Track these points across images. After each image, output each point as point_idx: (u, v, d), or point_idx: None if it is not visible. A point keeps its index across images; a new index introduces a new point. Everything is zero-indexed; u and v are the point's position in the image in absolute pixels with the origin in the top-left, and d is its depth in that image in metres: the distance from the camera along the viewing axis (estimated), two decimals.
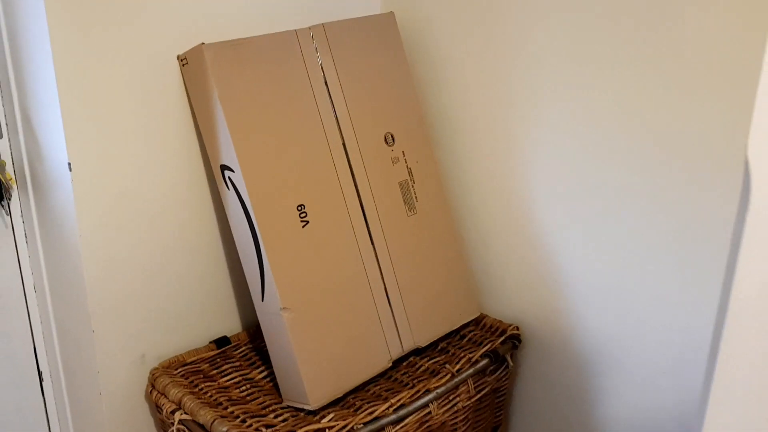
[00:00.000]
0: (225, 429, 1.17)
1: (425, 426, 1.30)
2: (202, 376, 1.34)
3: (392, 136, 1.39)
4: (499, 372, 1.43)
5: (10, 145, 1.27)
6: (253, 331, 1.48)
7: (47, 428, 1.43)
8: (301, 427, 1.20)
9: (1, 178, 1.24)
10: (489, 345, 1.42)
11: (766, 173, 0.48)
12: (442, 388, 1.32)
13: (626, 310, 1.33)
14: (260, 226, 1.21)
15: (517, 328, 1.47)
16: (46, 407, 1.42)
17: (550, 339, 1.46)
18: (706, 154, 1.15)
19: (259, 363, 1.40)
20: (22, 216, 1.31)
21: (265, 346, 1.44)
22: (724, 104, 1.11)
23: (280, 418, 1.24)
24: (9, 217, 1.29)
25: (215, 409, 1.23)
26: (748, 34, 1.06)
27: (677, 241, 1.22)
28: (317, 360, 1.25)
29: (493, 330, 1.48)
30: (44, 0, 1.07)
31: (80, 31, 1.13)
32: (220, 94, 1.19)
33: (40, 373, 1.40)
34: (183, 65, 1.25)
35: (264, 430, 1.19)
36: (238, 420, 1.21)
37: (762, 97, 0.48)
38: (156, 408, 1.32)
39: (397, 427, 1.25)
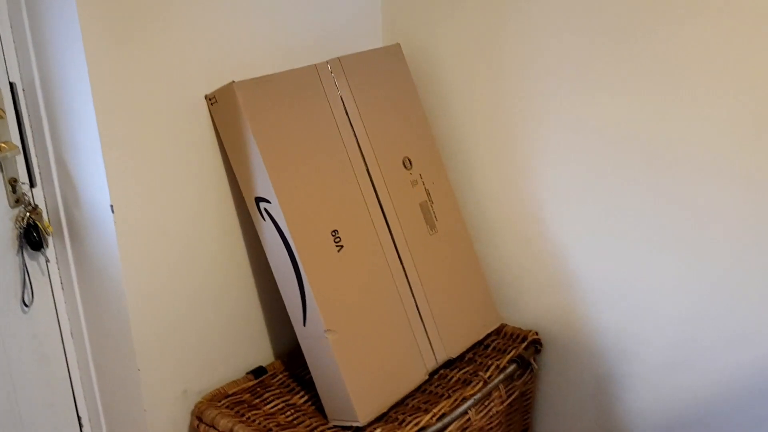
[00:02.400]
0: None
1: None
2: (246, 405, 1.37)
3: (409, 160, 1.46)
4: (525, 376, 1.50)
5: (44, 194, 1.29)
6: (286, 359, 1.51)
7: None
8: None
9: (40, 226, 1.25)
10: (513, 351, 1.49)
11: None
12: (478, 395, 1.38)
13: (640, 306, 1.42)
14: (300, 253, 1.25)
15: (537, 333, 1.54)
16: None
17: (569, 340, 1.54)
18: (711, 156, 1.25)
19: (298, 389, 1.44)
20: (57, 262, 1.32)
21: (300, 371, 1.48)
22: (727, 110, 1.22)
23: None
24: (46, 264, 1.31)
25: None
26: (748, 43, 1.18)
27: (687, 235, 1.32)
28: (362, 377, 1.29)
29: (514, 337, 1.55)
30: (85, 53, 1.11)
31: (118, 82, 1.17)
32: (253, 130, 1.24)
33: (79, 419, 1.40)
34: (212, 104, 1.30)
35: None
36: None
37: None
38: None
39: None
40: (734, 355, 1.33)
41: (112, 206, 1.20)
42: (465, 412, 1.35)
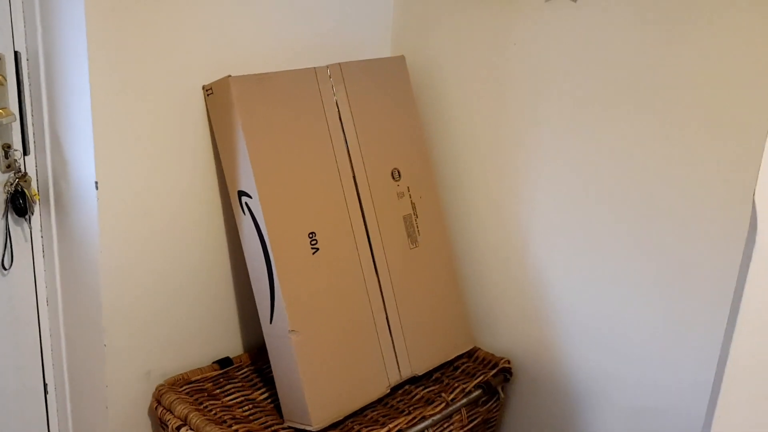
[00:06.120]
0: None
1: None
2: (206, 394, 1.38)
3: (398, 172, 1.47)
4: (490, 403, 1.49)
5: (36, 162, 1.32)
6: (255, 353, 1.53)
7: None
8: None
9: (27, 194, 1.29)
10: (481, 377, 1.48)
11: None
12: (438, 416, 1.37)
13: (617, 348, 1.40)
14: (273, 251, 1.27)
15: (509, 362, 1.53)
16: (48, 419, 1.45)
17: (541, 373, 1.53)
18: (699, 198, 1.24)
19: (260, 384, 1.45)
20: (41, 231, 1.35)
21: (266, 368, 1.49)
22: (715, 151, 1.20)
23: None
24: (29, 231, 1.34)
25: (220, 427, 1.27)
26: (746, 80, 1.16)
27: (671, 281, 1.30)
28: (321, 382, 1.30)
29: (485, 363, 1.54)
30: (86, 31, 1.14)
31: (116, 62, 1.20)
32: (243, 125, 1.26)
33: (45, 385, 1.43)
34: (208, 95, 1.32)
35: None
36: None
37: None
38: (160, 424, 1.36)
39: None
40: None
41: (96, 183, 1.22)
42: None
